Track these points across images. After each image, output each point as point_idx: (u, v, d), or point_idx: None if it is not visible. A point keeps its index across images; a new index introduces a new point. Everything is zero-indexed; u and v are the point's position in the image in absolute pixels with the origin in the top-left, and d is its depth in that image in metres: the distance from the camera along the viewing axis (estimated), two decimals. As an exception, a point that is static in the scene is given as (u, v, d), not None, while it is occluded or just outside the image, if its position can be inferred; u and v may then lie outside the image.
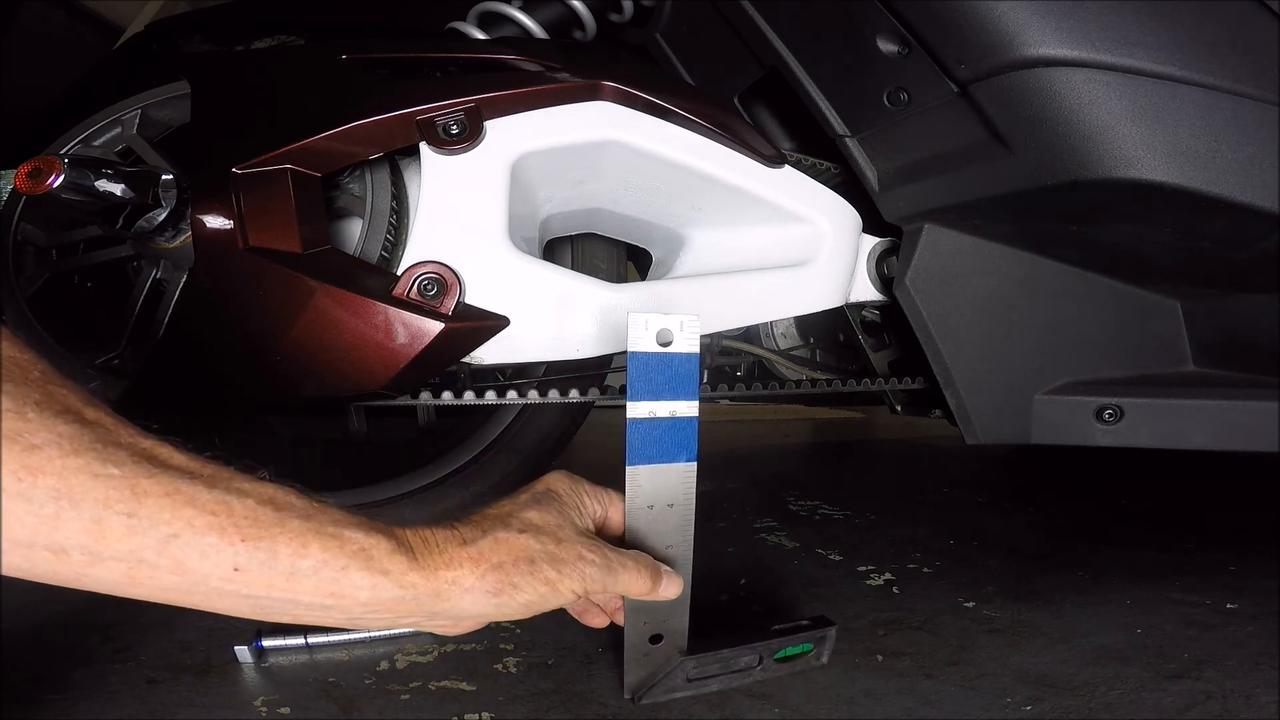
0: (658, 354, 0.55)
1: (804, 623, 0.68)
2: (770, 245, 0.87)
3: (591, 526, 0.55)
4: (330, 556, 0.40)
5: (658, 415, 0.56)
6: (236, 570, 0.38)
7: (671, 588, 0.54)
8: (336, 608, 0.41)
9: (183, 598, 0.39)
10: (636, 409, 0.55)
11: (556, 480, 0.56)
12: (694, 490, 0.58)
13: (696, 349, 0.57)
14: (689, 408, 0.57)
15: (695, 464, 0.58)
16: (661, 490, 0.58)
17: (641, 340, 0.54)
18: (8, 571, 0.37)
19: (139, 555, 0.37)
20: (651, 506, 0.58)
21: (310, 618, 0.42)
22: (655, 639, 0.61)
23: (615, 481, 0.60)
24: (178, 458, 0.40)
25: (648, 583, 0.51)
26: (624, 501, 0.57)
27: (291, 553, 0.40)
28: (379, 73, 0.79)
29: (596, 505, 0.56)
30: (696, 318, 0.56)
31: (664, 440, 0.56)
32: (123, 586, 0.38)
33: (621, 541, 0.57)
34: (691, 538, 0.59)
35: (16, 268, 0.85)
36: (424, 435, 1.02)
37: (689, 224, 0.89)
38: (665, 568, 0.55)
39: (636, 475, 0.56)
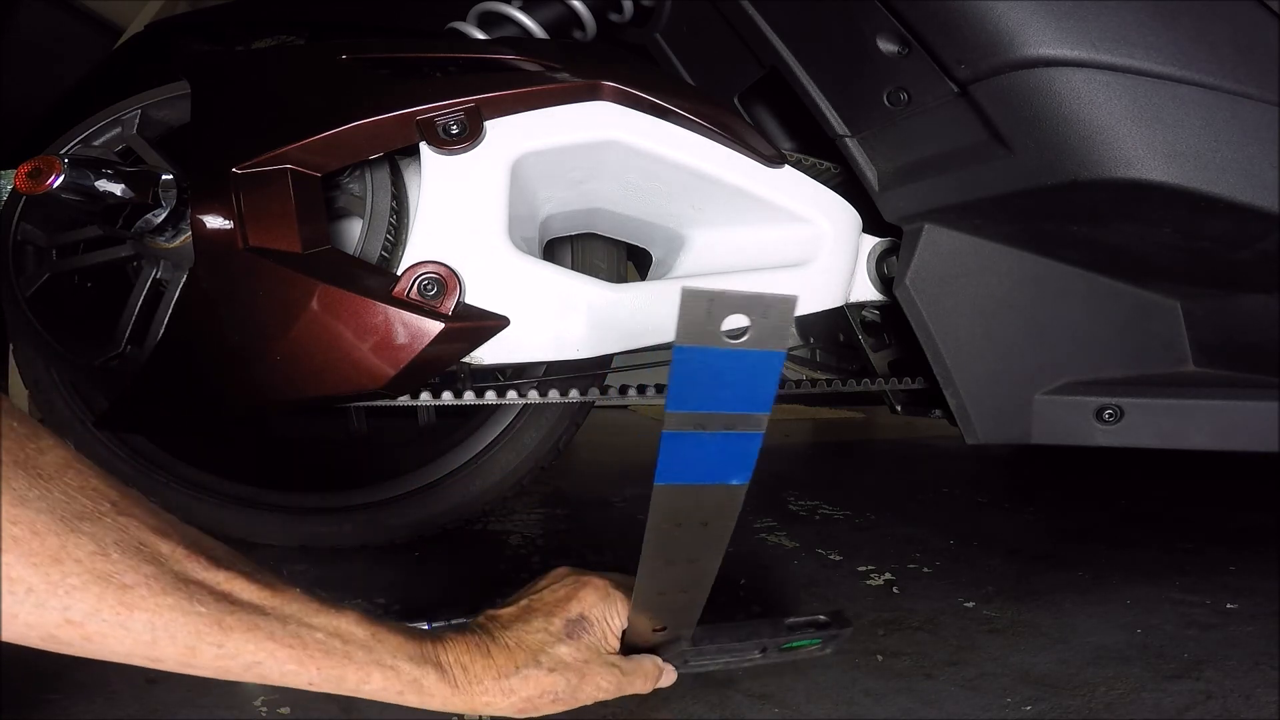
0: (722, 352, 0.36)
1: (821, 618, 0.63)
2: (770, 245, 0.87)
3: (616, 643, 0.58)
4: (388, 684, 0.49)
5: (709, 430, 0.40)
6: (310, 685, 0.47)
7: (667, 679, 0.60)
8: (391, 701, 0.50)
9: (252, 681, 0.47)
10: (679, 421, 0.38)
11: (592, 605, 0.57)
12: (737, 512, 0.47)
13: (785, 345, 0.37)
14: (757, 423, 0.40)
15: (745, 485, 0.45)
16: (696, 510, 0.46)
17: (694, 331, 0.35)
18: (109, 659, 0.43)
19: (226, 670, 0.44)
20: (680, 525, 0.46)
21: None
22: (660, 629, 0.57)
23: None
24: (249, 590, 0.46)
25: (651, 683, 0.58)
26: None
27: (356, 680, 0.48)
28: (379, 73, 0.79)
29: (623, 620, 0.58)
30: (794, 297, 0.36)
31: (712, 458, 0.41)
32: (207, 675, 0.45)
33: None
34: (722, 552, 0.50)
35: (16, 268, 0.85)
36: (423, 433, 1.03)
37: (689, 224, 0.89)
38: (667, 665, 0.59)
39: (667, 495, 0.43)
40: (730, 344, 0.36)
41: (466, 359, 0.74)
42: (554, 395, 0.87)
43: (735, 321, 0.35)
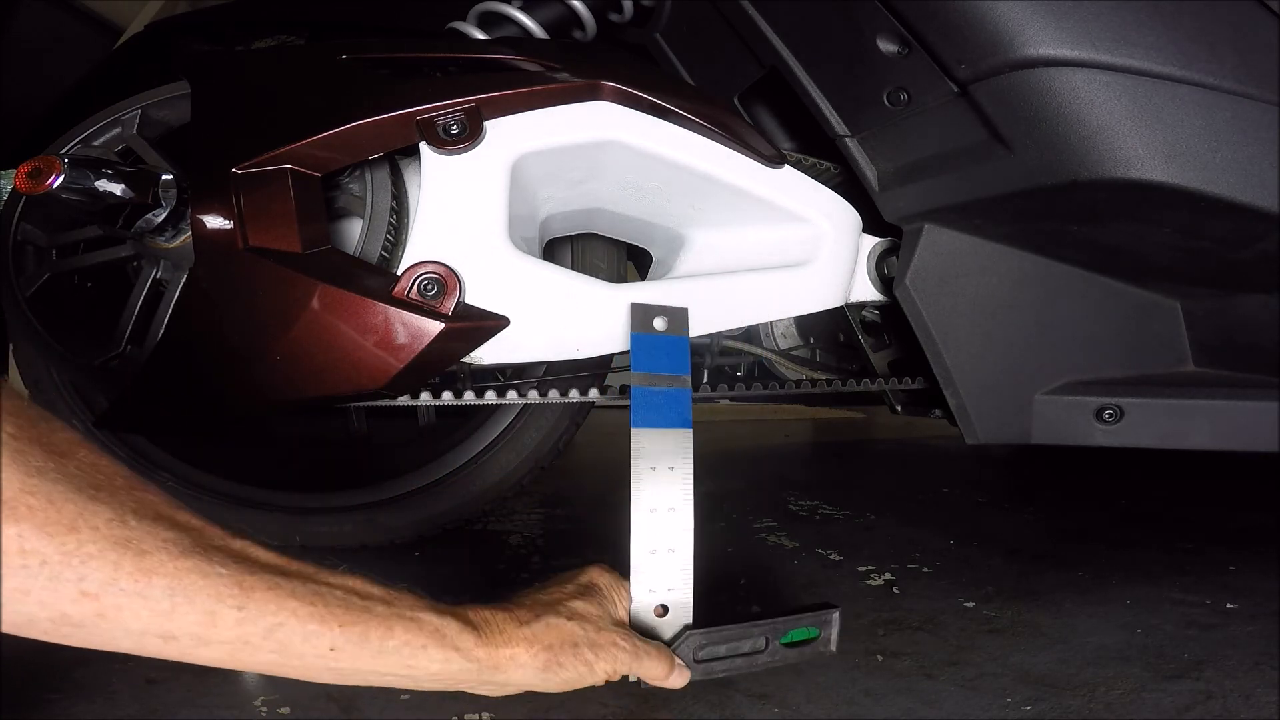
0: (655, 336, 0.68)
1: (810, 606, 0.68)
2: (770, 245, 0.87)
3: (625, 618, 0.60)
4: (412, 637, 0.48)
5: (657, 386, 0.66)
6: (332, 650, 0.45)
7: (679, 679, 0.59)
8: (409, 677, 0.49)
9: (274, 670, 0.46)
10: (640, 379, 0.65)
11: (599, 575, 0.61)
12: (691, 456, 0.65)
13: (688, 334, 0.69)
14: (684, 380, 0.67)
15: (691, 431, 0.65)
16: (662, 453, 0.64)
17: (641, 325, 0.67)
18: (116, 650, 0.42)
19: (245, 639, 0.43)
20: (654, 468, 0.64)
21: (383, 684, 0.49)
22: (661, 611, 0.63)
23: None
24: (266, 555, 0.46)
25: (666, 669, 0.58)
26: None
27: (380, 635, 0.47)
28: (379, 73, 0.79)
29: (629, 599, 0.61)
30: (687, 309, 0.69)
31: (663, 408, 0.65)
32: (220, 661, 0.44)
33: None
34: (691, 501, 0.64)
35: (16, 268, 0.85)
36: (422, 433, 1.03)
37: (689, 224, 0.89)
38: (679, 661, 0.60)
39: (640, 438, 0.64)
40: (658, 332, 0.69)
41: (466, 359, 0.74)
42: (554, 395, 0.87)
43: (659, 323, 0.70)
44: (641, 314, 0.67)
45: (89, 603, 0.39)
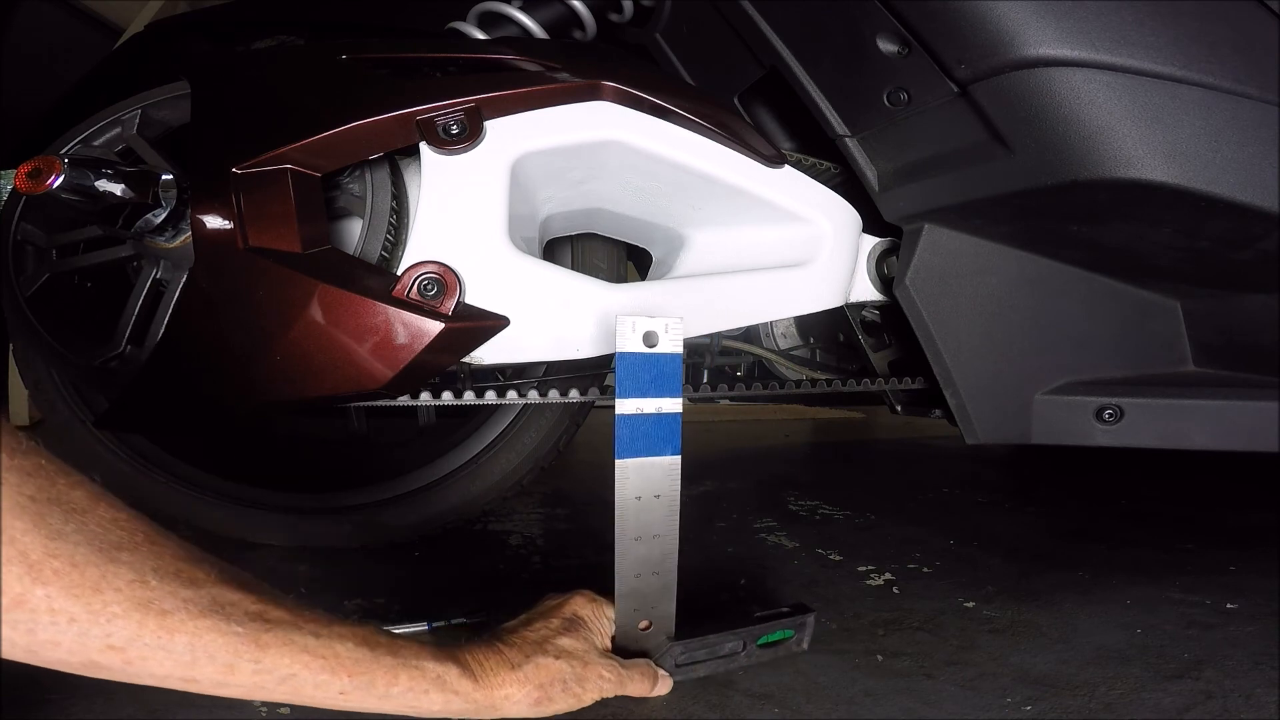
0: (644, 354, 0.60)
1: (784, 609, 0.71)
2: (770, 245, 0.87)
3: (608, 644, 0.64)
4: (415, 684, 0.52)
5: (644, 411, 0.61)
6: (341, 694, 0.49)
7: (663, 687, 0.64)
8: (414, 712, 0.53)
9: (288, 702, 0.50)
10: (625, 406, 0.60)
11: (582, 605, 0.64)
12: (679, 483, 0.63)
13: (680, 350, 0.62)
14: (673, 404, 0.62)
15: (679, 458, 0.62)
16: (648, 483, 0.62)
17: (629, 341, 0.60)
18: (144, 684, 0.46)
19: (261, 685, 0.47)
20: (639, 498, 0.62)
21: (386, 713, 0.53)
22: (646, 626, 0.65)
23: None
24: (278, 612, 0.48)
25: (649, 685, 0.62)
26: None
27: (385, 683, 0.51)
28: (379, 73, 0.79)
29: (611, 624, 0.64)
30: (681, 320, 0.61)
31: (650, 435, 0.61)
32: (239, 696, 0.48)
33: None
34: (677, 527, 0.64)
35: (16, 268, 0.85)
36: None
37: (689, 224, 0.89)
38: (662, 672, 0.64)
39: (625, 468, 0.61)
40: (647, 351, 0.60)
41: (467, 359, 0.74)
42: (554, 395, 0.87)
43: (651, 338, 0.60)
44: (628, 329, 0.60)
45: (116, 654, 0.43)
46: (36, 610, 0.41)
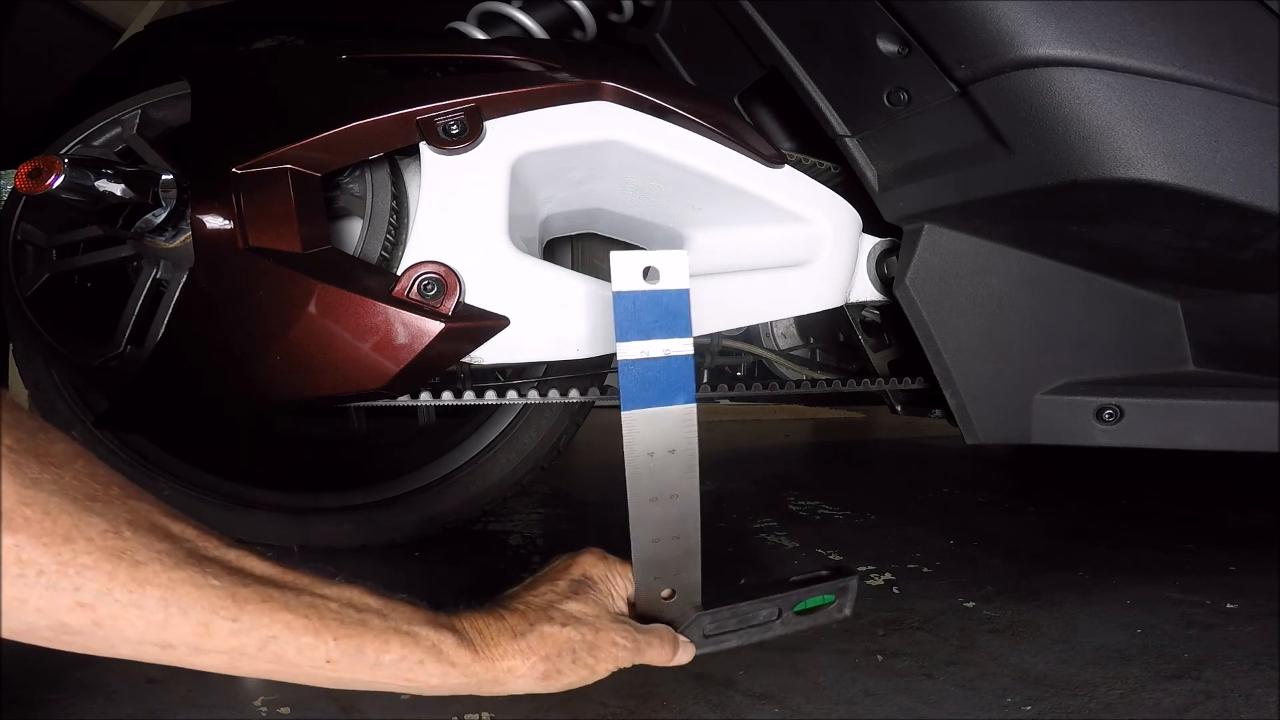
0: (645, 292, 0.53)
1: (823, 573, 0.65)
2: (770, 245, 0.87)
3: (624, 606, 0.58)
4: (409, 651, 0.47)
5: (651, 355, 0.54)
6: (328, 662, 0.45)
7: (685, 655, 0.58)
8: (409, 688, 0.49)
9: (273, 676, 0.46)
10: (627, 350, 0.53)
11: (592, 565, 0.58)
12: (695, 434, 0.56)
13: (686, 285, 0.54)
14: (683, 345, 0.54)
15: (695, 405, 0.56)
16: (661, 436, 0.55)
17: (626, 279, 0.53)
18: (117, 656, 0.43)
19: (241, 650, 0.43)
20: (652, 454, 0.55)
21: (385, 690, 0.49)
22: (669, 594, 0.60)
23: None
24: (262, 566, 0.45)
25: (669, 653, 0.57)
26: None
27: (376, 649, 0.47)
28: (379, 73, 0.79)
29: (627, 583, 0.59)
30: (684, 253, 0.54)
31: (659, 381, 0.54)
32: (219, 668, 0.45)
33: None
34: (696, 485, 0.57)
35: (16, 268, 0.85)
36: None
37: (689, 224, 0.89)
38: (683, 639, 0.58)
39: (633, 421, 0.54)
40: (649, 288, 0.52)
41: (466, 359, 0.74)
42: (554, 395, 0.87)
43: (651, 274, 0.52)
44: (626, 265, 0.53)
45: (85, 612, 0.40)
46: (5, 563, 0.38)
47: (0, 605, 0.39)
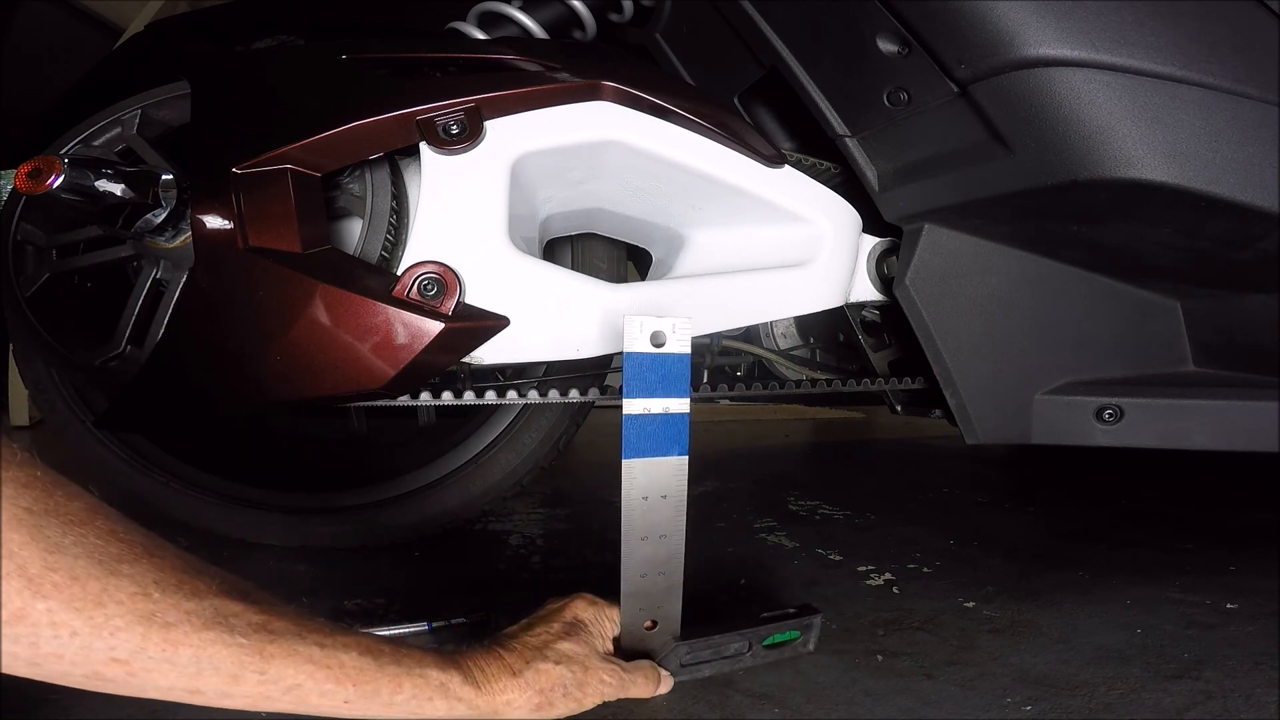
0: (651, 354, 0.60)
1: (790, 610, 0.71)
2: (770, 245, 0.87)
3: (610, 646, 0.64)
4: (419, 690, 0.52)
5: (652, 411, 0.61)
6: (346, 703, 0.49)
7: (665, 687, 0.64)
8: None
9: (294, 711, 0.49)
10: (632, 406, 0.60)
11: (582, 609, 0.64)
12: (685, 483, 0.62)
13: (688, 350, 0.61)
14: (680, 405, 0.61)
15: (686, 458, 0.62)
16: (655, 483, 0.62)
17: (636, 341, 0.59)
18: (146, 697, 0.46)
19: (266, 695, 0.47)
20: (646, 498, 0.62)
21: None
22: (651, 625, 0.65)
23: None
24: (282, 623, 0.48)
25: (651, 687, 0.63)
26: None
27: (390, 691, 0.51)
28: (379, 73, 0.79)
29: (614, 625, 0.65)
30: (689, 320, 0.61)
31: (657, 435, 0.61)
32: (244, 708, 0.48)
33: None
34: (683, 527, 0.64)
35: (16, 267, 0.85)
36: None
37: (689, 224, 0.89)
38: (664, 672, 0.64)
39: (632, 468, 0.61)
40: (655, 351, 0.59)
41: (467, 359, 0.74)
42: (554, 395, 0.87)
43: (658, 338, 0.60)
44: (636, 329, 0.59)
45: (120, 667, 0.43)
46: (38, 624, 0.40)
47: (34, 660, 0.41)
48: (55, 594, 0.41)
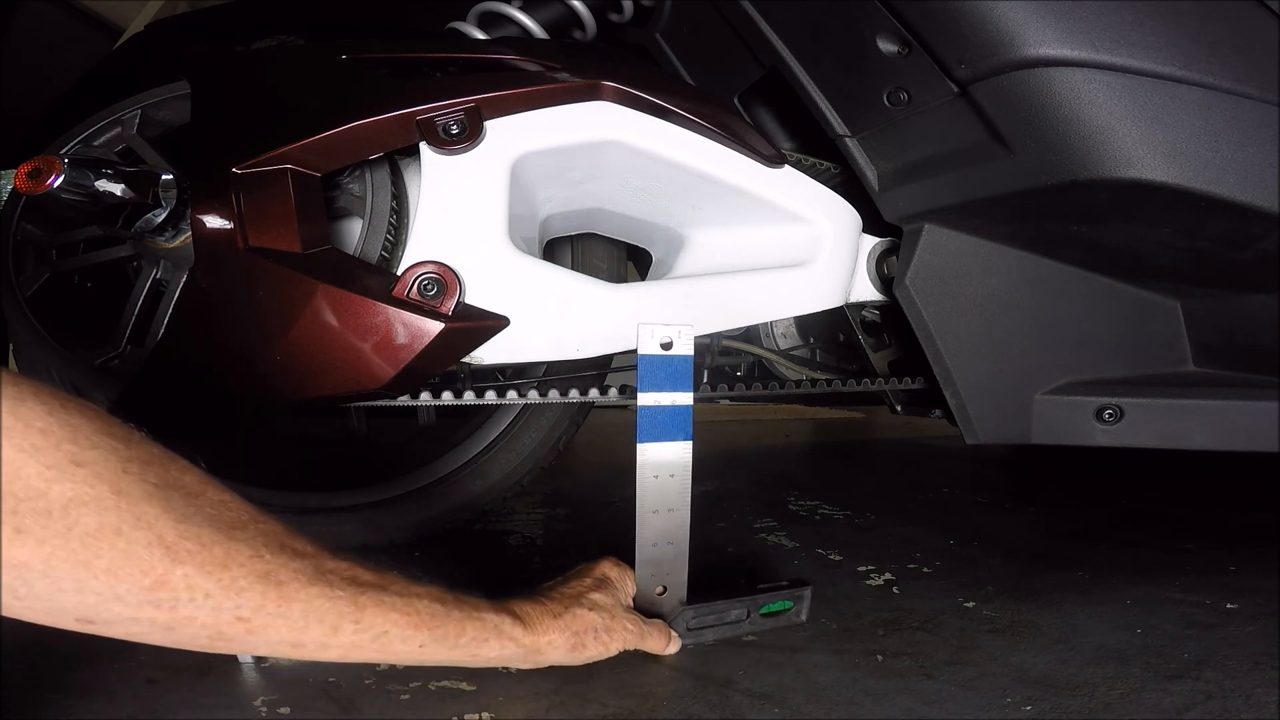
0: (661, 356, 0.70)
1: (784, 583, 0.79)
2: (770, 245, 0.87)
3: (631, 603, 0.71)
4: (478, 633, 0.58)
5: (661, 404, 0.70)
6: (421, 647, 0.56)
7: (674, 646, 0.71)
8: (475, 662, 0.60)
9: (372, 660, 0.56)
10: (645, 399, 0.69)
11: (609, 568, 0.71)
12: (690, 464, 0.72)
13: (691, 352, 0.71)
14: (685, 398, 0.71)
15: (691, 443, 0.72)
16: (664, 463, 0.71)
17: (648, 345, 0.69)
18: (254, 654, 0.56)
19: (357, 644, 0.53)
20: (657, 476, 0.71)
21: (451, 664, 0.60)
22: (661, 591, 0.72)
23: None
24: (368, 575, 0.54)
25: (664, 643, 0.70)
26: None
27: (455, 634, 0.57)
28: (379, 73, 0.79)
29: (633, 586, 0.72)
30: (691, 327, 0.70)
31: (667, 423, 0.70)
32: (333, 659, 0.53)
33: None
34: (689, 503, 0.72)
35: (16, 267, 0.85)
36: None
37: (689, 224, 0.89)
38: (674, 634, 0.71)
39: (645, 451, 0.70)
40: (664, 353, 0.70)
41: (467, 359, 0.74)
42: (554, 395, 0.87)
43: (666, 344, 0.70)
44: (649, 335, 0.70)
45: (241, 625, 0.47)
46: (177, 589, 0.45)
47: (171, 624, 0.45)
48: (189, 560, 0.45)
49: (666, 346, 0.70)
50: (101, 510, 0.42)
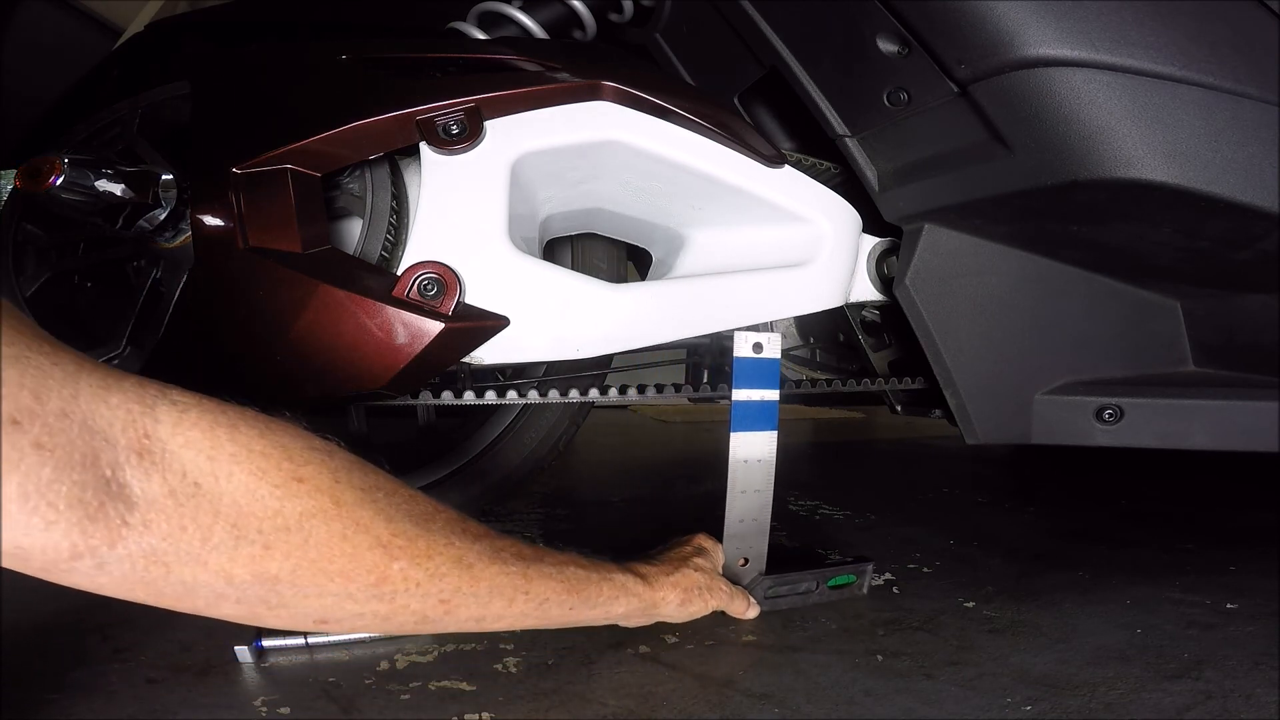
0: (753, 359, 0.79)
1: (849, 559, 0.89)
2: (770, 245, 0.87)
3: (720, 570, 0.78)
4: (611, 593, 0.65)
5: (752, 399, 0.79)
6: (571, 610, 0.61)
7: (753, 611, 0.78)
8: (606, 619, 0.67)
9: (528, 626, 0.61)
10: (739, 395, 0.79)
11: (704, 540, 0.79)
12: (775, 451, 0.81)
13: (778, 355, 0.80)
14: (772, 394, 0.80)
15: (776, 433, 0.81)
16: (753, 450, 0.80)
17: (743, 349, 0.79)
18: (444, 631, 0.60)
19: (525, 613, 0.58)
20: (746, 461, 0.79)
21: (585, 624, 0.66)
22: (744, 562, 0.82)
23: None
24: (528, 550, 0.59)
25: (746, 606, 0.78)
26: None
27: (595, 594, 0.63)
28: (379, 73, 0.79)
29: (722, 557, 0.79)
30: (780, 335, 0.82)
31: (756, 416, 0.80)
32: (503, 629, 0.60)
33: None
34: (772, 485, 0.82)
35: (17, 267, 0.85)
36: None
37: (689, 224, 0.89)
38: (753, 599, 0.79)
39: (738, 439, 0.79)
40: (755, 356, 0.79)
41: (467, 359, 0.74)
42: (554, 395, 0.87)
43: (758, 348, 0.79)
44: (743, 340, 0.79)
45: (442, 607, 0.52)
46: (394, 582, 0.49)
47: (388, 614, 0.50)
48: (402, 554, 0.49)
49: (758, 349, 0.79)
50: (328, 520, 0.47)
